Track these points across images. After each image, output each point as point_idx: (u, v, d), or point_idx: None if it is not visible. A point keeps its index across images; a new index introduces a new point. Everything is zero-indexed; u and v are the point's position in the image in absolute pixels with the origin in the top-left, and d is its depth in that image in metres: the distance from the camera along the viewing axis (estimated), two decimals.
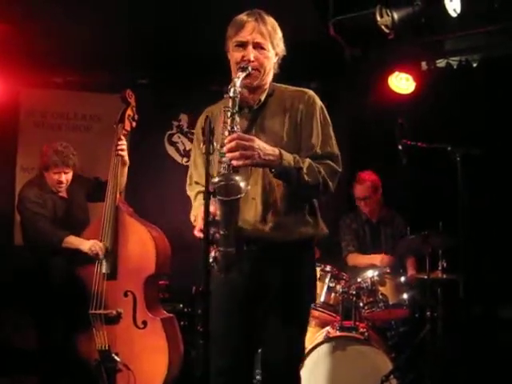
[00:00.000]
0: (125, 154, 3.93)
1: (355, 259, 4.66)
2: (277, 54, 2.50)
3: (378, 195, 4.73)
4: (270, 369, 2.54)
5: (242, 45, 2.42)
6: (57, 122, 5.56)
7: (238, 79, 2.31)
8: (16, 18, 4.22)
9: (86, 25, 4.12)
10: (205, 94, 4.93)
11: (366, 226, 4.77)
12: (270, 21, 2.46)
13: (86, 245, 3.82)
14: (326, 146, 2.46)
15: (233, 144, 2.20)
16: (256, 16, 2.43)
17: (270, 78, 2.52)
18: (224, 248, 2.22)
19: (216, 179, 2.17)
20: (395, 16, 3.14)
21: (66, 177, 4.10)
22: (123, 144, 3.91)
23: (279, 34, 2.49)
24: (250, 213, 2.42)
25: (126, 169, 4.01)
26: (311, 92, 2.56)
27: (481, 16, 3.89)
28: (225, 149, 2.21)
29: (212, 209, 2.16)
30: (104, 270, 3.79)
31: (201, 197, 2.42)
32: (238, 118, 2.29)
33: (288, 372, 2.51)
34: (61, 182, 4.08)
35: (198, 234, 2.34)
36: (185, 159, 5.80)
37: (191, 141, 5.78)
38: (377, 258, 4.50)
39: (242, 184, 2.18)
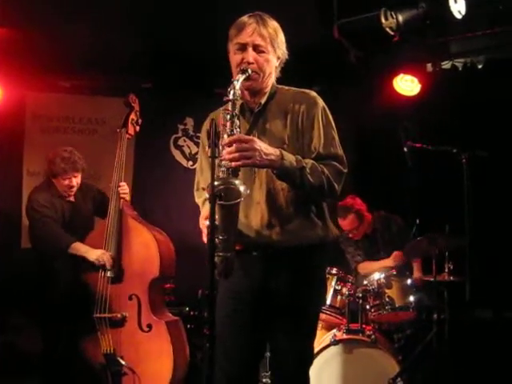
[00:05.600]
0: (126, 196, 4.00)
1: (366, 267, 4.62)
2: (278, 58, 2.46)
3: (365, 221, 4.64)
4: (279, 373, 2.52)
5: (242, 47, 2.38)
6: (62, 125, 5.57)
7: (238, 81, 2.28)
8: (21, 23, 4.24)
9: (90, 29, 4.14)
10: (210, 97, 4.97)
11: (363, 237, 4.72)
12: (272, 24, 2.42)
13: (93, 254, 3.83)
14: (329, 147, 2.41)
15: (233, 146, 2.17)
16: (257, 18, 2.39)
17: (271, 81, 2.48)
18: (223, 253, 2.18)
19: (215, 183, 2.12)
20: (400, 18, 3.12)
21: (76, 180, 4.12)
22: (125, 186, 4.00)
23: (281, 37, 2.45)
24: (256, 218, 2.39)
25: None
26: (313, 93, 2.51)
27: (485, 18, 3.89)
28: (224, 151, 2.17)
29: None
30: (109, 274, 3.80)
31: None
32: (237, 121, 2.25)
33: (298, 376, 2.47)
34: (72, 187, 4.10)
35: (206, 239, 2.30)
36: (190, 163, 5.80)
37: (197, 144, 5.79)
38: (389, 260, 4.47)
39: (242, 188, 2.15)
